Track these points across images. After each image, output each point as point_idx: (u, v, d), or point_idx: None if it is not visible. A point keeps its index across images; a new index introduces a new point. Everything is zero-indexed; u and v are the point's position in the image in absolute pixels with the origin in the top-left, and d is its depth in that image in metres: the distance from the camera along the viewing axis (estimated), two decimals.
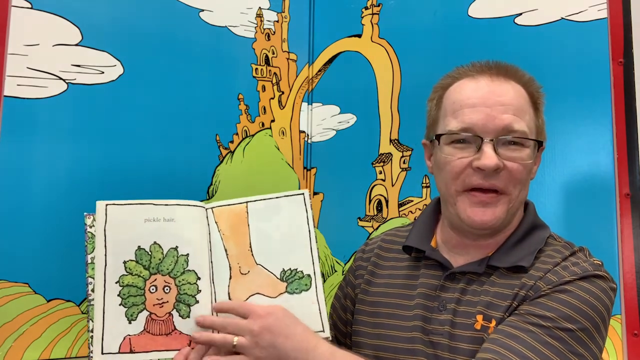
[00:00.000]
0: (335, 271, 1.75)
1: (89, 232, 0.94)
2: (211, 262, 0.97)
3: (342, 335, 1.15)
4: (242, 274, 0.97)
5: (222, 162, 1.67)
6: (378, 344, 1.00)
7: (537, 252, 0.94)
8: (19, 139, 1.35)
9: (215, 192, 1.64)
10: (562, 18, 1.48)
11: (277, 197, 1.01)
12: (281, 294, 0.96)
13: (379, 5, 1.80)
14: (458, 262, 0.98)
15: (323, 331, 0.95)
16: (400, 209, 1.70)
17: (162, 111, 1.56)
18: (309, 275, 0.97)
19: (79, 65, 1.44)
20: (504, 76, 0.95)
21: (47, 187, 1.37)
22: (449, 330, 0.92)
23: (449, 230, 1.01)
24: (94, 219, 0.95)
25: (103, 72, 1.47)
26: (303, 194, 1.01)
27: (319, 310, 0.95)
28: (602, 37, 1.43)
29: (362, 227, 1.74)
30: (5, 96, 1.33)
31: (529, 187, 0.98)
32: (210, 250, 0.97)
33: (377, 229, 1.71)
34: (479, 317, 0.90)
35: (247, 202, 1.00)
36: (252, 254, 0.98)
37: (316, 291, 0.97)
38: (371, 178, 1.75)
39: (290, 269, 0.98)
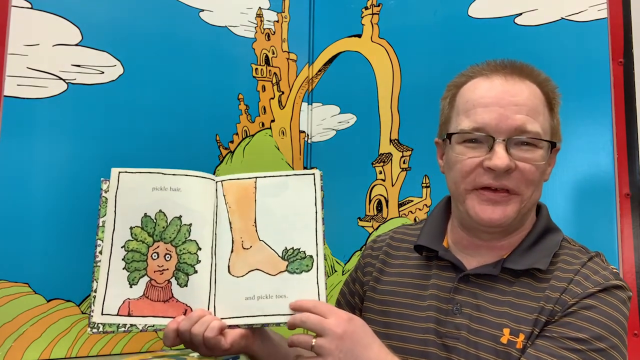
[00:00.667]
0: (335, 271, 1.75)
1: (103, 196, 0.96)
2: (215, 234, 0.97)
3: None
4: (244, 248, 0.96)
5: (222, 162, 1.67)
6: (387, 343, 0.99)
7: (553, 255, 0.93)
8: (19, 139, 1.35)
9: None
10: (562, 18, 1.48)
11: (287, 175, 1.00)
12: (281, 272, 0.95)
13: (379, 5, 1.80)
14: (471, 264, 0.97)
15: None
16: (400, 209, 1.70)
17: (162, 111, 1.56)
18: (311, 257, 0.95)
19: (79, 65, 1.44)
20: (519, 75, 0.93)
21: (47, 187, 1.37)
22: (466, 336, 0.91)
23: (459, 230, 1.00)
24: (109, 185, 0.97)
25: (103, 72, 1.47)
26: (314, 174, 1.00)
27: (318, 292, 0.93)
28: (602, 37, 1.43)
29: (362, 227, 1.74)
30: (5, 96, 1.33)
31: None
32: (215, 222, 0.98)
33: (377, 229, 1.71)
34: (506, 331, 0.89)
35: (256, 177, 1.00)
36: (256, 230, 0.97)
37: (317, 273, 0.95)
38: (371, 178, 1.75)
39: (292, 247, 0.97)
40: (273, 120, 1.79)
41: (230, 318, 0.93)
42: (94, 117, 1.45)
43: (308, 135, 1.86)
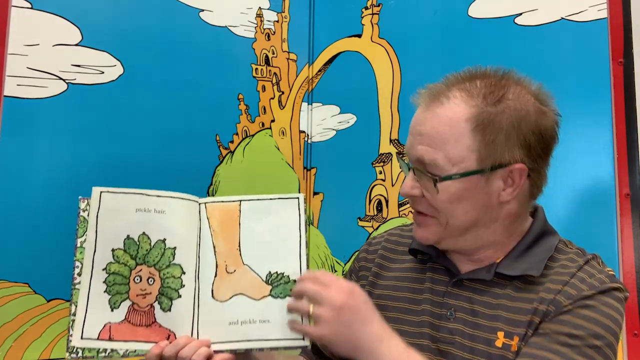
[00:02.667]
0: (335, 271, 1.75)
1: (81, 216, 0.94)
2: (198, 257, 0.96)
3: None
4: (227, 272, 0.95)
5: (222, 162, 1.67)
6: None
7: (548, 259, 0.92)
8: (19, 139, 1.35)
9: (215, 192, 1.64)
10: (562, 18, 1.48)
11: (271, 199, 1.00)
12: (264, 296, 0.94)
13: (379, 5, 1.80)
14: (465, 268, 0.96)
15: (303, 339, 0.92)
16: (400, 209, 1.70)
17: (162, 111, 1.56)
18: (294, 281, 0.94)
19: (79, 65, 1.44)
20: (437, 97, 0.91)
21: (47, 187, 1.37)
22: (461, 341, 0.90)
23: None
24: (87, 203, 0.95)
25: (103, 72, 1.47)
26: (298, 197, 0.99)
27: (301, 319, 0.92)
28: (602, 37, 1.43)
29: (362, 227, 1.74)
30: (5, 96, 1.34)
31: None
32: (199, 245, 0.96)
33: (377, 229, 1.71)
34: (500, 334, 0.88)
35: (240, 200, 0.99)
36: (240, 254, 0.96)
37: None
38: (371, 178, 1.75)
39: (277, 272, 0.95)
40: (273, 120, 1.79)
41: (214, 343, 0.91)
42: (94, 117, 1.45)
43: (308, 135, 1.86)
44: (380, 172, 1.73)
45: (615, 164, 1.38)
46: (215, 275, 0.95)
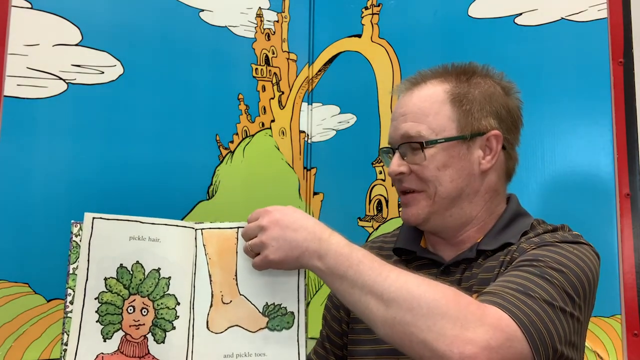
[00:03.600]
0: None
1: (74, 241, 0.90)
2: (194, 287, 0.93)
3: (337, 348, 1.13)
4: (223, 303, 0.93)
5: (222, 162, 1.67)
6: (380, 348, 0.99)
7: (523, 234, 0.97)
8: (19, 139, 1.35)
9: (215, 192, 1.64)
10: (562, 18, 1.48)
11: None
12: (261, 329, 0.92)
13: (379, 5, 1.80)
14: (449, 256, 1.00)
15: None
16: (400, 209, 1.70)
17: (162, 111, 1.56)
18: (292, 313, 0.93)
19: (79, 65, 1.44)
20: (417, 83, 1.03)
21: (47, 187, 1.37)
22: None
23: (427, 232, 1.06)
24: (80, 228, 0.91)
25: (103, 72, 1.47)
26: None
27: (298, 352, 0.91)
28: (602, 37, 1.43)
29: (362, 227, 1.74)
30: (5, 96, 1.34)
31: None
32: (195, 274, 0.94)
33: (377, 229, 1.71)
34: (474, 296, 0.90)
35: (238, 227, 0.95)
36: (237, 284, 0.94)
37: (297, 331, 0.93)
38: (371, 178, 1.75)
39: (274, 303, 0.93)
40: (273, 120, 1.79)
41: None
42: (94, 117, 1.45)
43: (308, 135, 1.86)
44: (380, 172, 1.73)
45: (615, 164, 1.38)
46: (211, 306, 0.93)
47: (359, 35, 1.83)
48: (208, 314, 0.93)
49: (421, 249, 1.04)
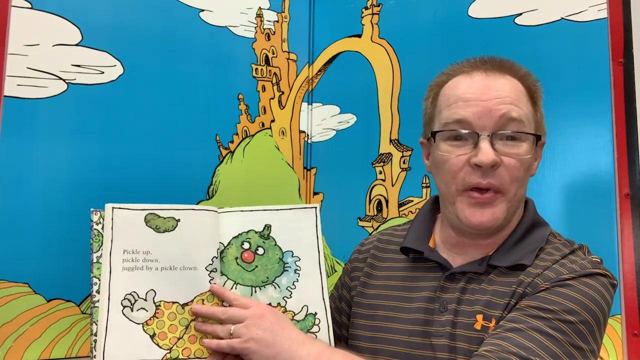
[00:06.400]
0: (336, 271, 1.75)
1: (95, 229, 0.91)
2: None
3: (336, 339, 1.13)
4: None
5: (222, 162, 1.67)
6: (376, 347, 0.99)
7: (539, 250, 0.92)
8: (19, 139, 1.35)
9: (215, 192, 1.64)
10: (562, 18, 1.48)
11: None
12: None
13: (379, 5, 1.80)
14: (457, 262, 0.97)
15: None
16: (400, 209, 1.70)
17: (162, 111, 1.56)
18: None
19: (79, 65, 1.44)
20: (499, 71, 0.93)
21: (47, 187, 1.37)
22: (450, 331, 0.91)
23: (449, 229, 1.00)
24: (100, 216, 0.92)
25: (103, 72, 1.47)
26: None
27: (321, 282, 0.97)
28: (602, 37, 1.43)
29: (362, 227, 1.74)
30: (5, 96, 1.33)
31: (530, 186, 0.97)
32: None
33: (377, 229, 1.71)
34: (479, 317, 0.88)
35: (265, 210, 0.99)
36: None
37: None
38: (371, 178, 1.75)
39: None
40: (273, 120, 1.79)
41: None
42: (94, 117, 1.45)
43: (308, 135, 1.86)
44: (380, 172, 1.73)
45: (615, 164, 1.38)
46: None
47: (359, 35, 1.83)
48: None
49: (429, 250, 1.00)
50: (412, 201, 1.68)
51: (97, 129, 1.45)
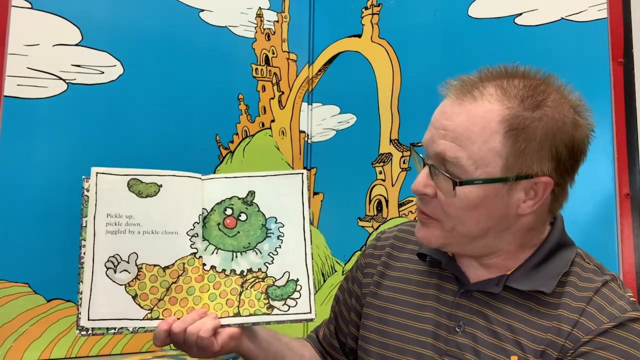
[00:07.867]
0: (335, 271, 1.75)
1: (85, 195, 0.97)
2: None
3: (342, 335, 1.11)
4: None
5: (222, 162, 1.67)
6: (385, 354, 0.97)
7: (562, 275, 0.86)
8: (19, 139, 1.35)
9: None
10: (562, 18, 1.48)
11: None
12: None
13: (379, 5, 1.80)
14: (475, 276, 0.91)
15: (309, 312, 0.93)
16: (400, 209, 1.70)
17: (162, 111, 1.56)
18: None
19: (79, 65, 1.44)
20: (471, 92, 0.82)
21: (47, 187, 1.37)
22: (470, 358, 0.86)
23: None
24: (89, 184, 0.98)
25: (103, 72, 1.47)
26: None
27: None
28: (602, 37, 1.43)
29: (362, 227, 1.74)
30: (5, 96, 1.34)
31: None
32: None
33: (377, 229, 1.71)
34: (514, 359, 0.84)
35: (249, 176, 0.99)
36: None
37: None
38: (371, 178, 1.75)
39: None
40: (273, 120, 1.79)
41: (221, 318, 0.92)
42: (94, 117, 1.45)
43: (308, 135, 1.86)
44: (380, 172, 1.73)
45: (615, 164, 1.38)
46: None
47: (359, 35, 1.83)
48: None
49: (448, 260, 0.93)
50: (412, 201, 1.68)
51: (97, 129, 1.45)
